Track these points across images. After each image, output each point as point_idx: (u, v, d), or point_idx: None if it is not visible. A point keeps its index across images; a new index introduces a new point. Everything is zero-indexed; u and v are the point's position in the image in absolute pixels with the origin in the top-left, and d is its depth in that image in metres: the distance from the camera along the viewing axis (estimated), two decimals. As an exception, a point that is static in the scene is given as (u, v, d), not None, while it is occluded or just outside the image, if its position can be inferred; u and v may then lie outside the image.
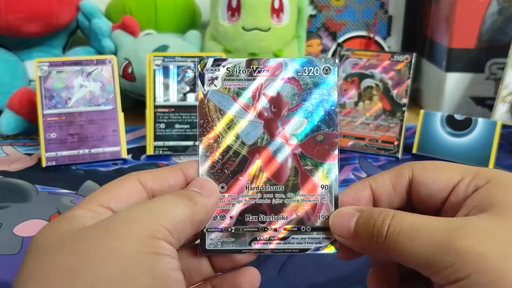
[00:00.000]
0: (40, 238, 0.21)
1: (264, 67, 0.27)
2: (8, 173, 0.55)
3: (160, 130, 0.59)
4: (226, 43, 0.73)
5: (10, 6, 0.65)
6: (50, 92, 0.56)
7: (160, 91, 0.59)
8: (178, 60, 0.59)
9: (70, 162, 0.56)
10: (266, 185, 0.27)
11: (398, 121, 0.60)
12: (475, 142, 0.57)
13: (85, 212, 0.22)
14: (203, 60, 0.27)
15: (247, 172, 0.27)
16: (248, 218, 0.27)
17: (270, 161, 0.27)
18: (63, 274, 0.19)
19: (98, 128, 0.57)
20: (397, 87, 0.60)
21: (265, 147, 0.27)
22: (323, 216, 0.27)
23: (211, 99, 0.27)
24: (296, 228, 0.27)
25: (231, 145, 0.27)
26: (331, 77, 0.27)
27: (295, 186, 0.27)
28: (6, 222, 0.44)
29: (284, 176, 0.27)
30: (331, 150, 0.27)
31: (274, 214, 0.27)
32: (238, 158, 0.27)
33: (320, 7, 0.83)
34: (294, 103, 0.27)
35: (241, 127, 0.27)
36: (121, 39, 0.73)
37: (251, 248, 0.27)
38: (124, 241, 0.20)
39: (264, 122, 0.27)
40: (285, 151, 0.27)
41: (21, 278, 0.20)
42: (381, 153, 0.60)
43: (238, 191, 0.27)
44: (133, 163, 0.58)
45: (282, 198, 0.27)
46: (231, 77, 0.27)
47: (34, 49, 0.75)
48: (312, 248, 0.27)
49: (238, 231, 0.27)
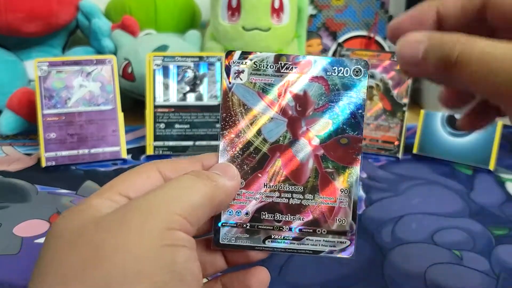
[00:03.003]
0: (59, 227, 0.21)
1: (293, 64, 0.26)
2: (7, 173, 0.55)
3: (160, 130, 0.59)
4: (226, 43, 0.73)
5: (9, 5, 0.65)
6: (50, 92, 0.56)
7: (160, 91, 0.59)
8: (178, 60, 0.59)
9: (70, 162, 0.56)
10: (285, 185, 0.26)
11: (398, 121, 0.60)
12: (475, 142, 0.57)
13: (103, 201, 0.22)
14: (231, 52, 0.26)
15: (267, 170, 0.26)
16: (264, 216, 0.26)
17: (291, 161, 0.26)
18: (80, 267, 0.19)
19: (97, 128, 0.57)
20: (397, 87, 0.60)
21: (287, 146, 0.26)
22: (340, 220, 0.26)
23: (235, 93, 0.26)
24: (312, 230, 0.26)
25: (253, 141, 0.26)
26: (361, 79, 0.26)
27: (314, 187, 0.26)
28: (6, 222, 0.44)
29: (304, 177, 0.26)
30: (354, 154, 0.26)
31: (291, 214, 0.26)
32: (258, 155, 0.26)
33: (320, 6, 0.83)
34: (320, 103, 0.26)
35: (264, 123, 0.26)
36: (121, 39, 0.73)
37: (265, 246, 0.26)
38: (140, 234, 0.20)
39: (288, 121, 0.26)
40: (307, 151, 0.26)
41: (39, 268, 0.20)
42: (382, 153, 0.60)
43: (256, 188, 0.26)
44: (133, 163, 0.58)
45: (300, 199, 0.26)
46: (257, 72, 0.26)
47: (33, 49, 0.75)
48: (326, 251, 0.26)
49: (253, 228, 0.26)
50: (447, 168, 0.57)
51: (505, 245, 0.42)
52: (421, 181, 0.54)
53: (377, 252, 0.41)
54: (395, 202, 0.49)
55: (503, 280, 0.37)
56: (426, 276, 0.37)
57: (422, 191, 0.52)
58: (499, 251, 0.41)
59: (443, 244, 0.42)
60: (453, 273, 0.38)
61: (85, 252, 0.19)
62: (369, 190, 0.52)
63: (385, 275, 0.38)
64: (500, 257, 0.40)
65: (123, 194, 0.23)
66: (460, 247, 0.41)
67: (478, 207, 0.48)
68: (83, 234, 0.20)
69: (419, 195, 0.51)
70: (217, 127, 0.59)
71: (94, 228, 0.20)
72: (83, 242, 0.20)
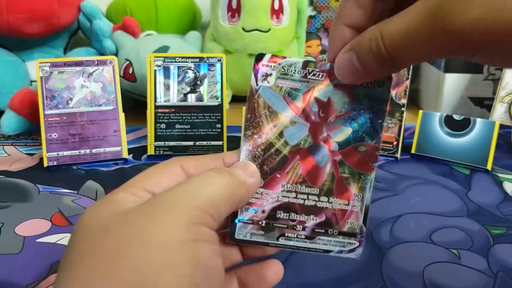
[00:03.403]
0: (86, 220, 0.22)
1: (320, 71, 0.27)
2: (9, 173, 0.55)
3: (161, 130, 0.59)
4: (226, 43, 0.74)
5: (11, 6, 0.66)
6: (52, 92, 0.56)
7: (160, 91, 0.59)
8: (179, 60, 0.59)
9: (71, 162, 0.56)
10: (302, 186, 0.27)
11: (397, 121, 0.60)
12: (473, 142, 0.57)
13: (128, 195, 0.23)
14: (261, 55, 0.27)
15: (285, 171, 0.27)
16: (279, 214, 0.27)
17: (310, 164, 0.27)
18: (110, 258, 0.20)
19: (99, 128, 0.57)
20: (396, 87, 0.60)
21: (307, 149, 0.27)
22: (351, 222, 0.27)
23: (261, 95, 0.27)
24: (324, 230, 0.27)
25: (274, 143, 0.27)
26: (384, 90, 0.27)
27: (330, 191, 0.27)
28: (8, 221, 0.45)
29: (321, 180, 0.27)
30: (370, 162, 0.27)
31: (305, 214, 0.27)
32: (279, 156, 0.27)
33: (319, 8, 0.84)
34: (343, 111, 0.27)
35: (286, 126, 0.27)
36: (122, 40, 0.73)
37: (278, 243, 0.27)
38: (166, 229, 0.20)
39: (310, 126, 0.27)
40: (325, 156, 0.27)
41: (68, 259, 0.21)
42: (380, 153, 0.60)
43: (274, 188, 0.27)
44: (134, 163, 0.58)
45: (315, 201, 0.27)
46: (285, 76, 0.27)
47: (35, 50, 0.75)
48: (335, 250, 0.28)
49: (268, 225, 0.27)
50: (445, 168, 0.57)
51: (503, 244, 0.42)
52: (419, 180, 0.54)
53: (375, 251, 0.41)
54: (393, 202, 0.50)
55: (501, 279, 0.38)
56: (424, 275, 0.38)
57: (420, 190, 0.52)
58: (496, 250, 0.41)
59: (441, 243, 0.42)
60: (451, 272, 0.38)
61: (114, 244, 0.20)
62: (368, 190, 0.52)
63: (383, 274, 0.38)
64: (498, 256, 0.41)
65: (148, 190, 0.23)
66: (458, 246, 0.42)
67: (476, 207, 0.49)
68: (110, 227, 0.21)
69: (417, 194, 0.51)
70: (217, 127, 0.60)
71: (121, 221, 0.21)
72: (112, 235, 0.20)
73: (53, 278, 0.37)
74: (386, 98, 0.27)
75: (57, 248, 0.41)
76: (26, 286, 0.36)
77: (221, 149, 0.59)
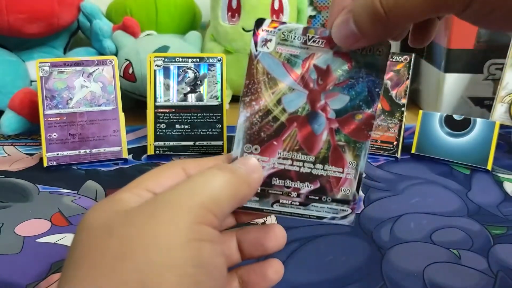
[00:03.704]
0: (89, 220, 0.22)
1: (320, 38, 0.27)
2: (9, 173, 0.55)
3: (161, 130, 0.59)
4: (226, 43, 0.74)
5: (11, 7, 0.66)
6: (51, 92, 0.56)
7: (160, 91, 0.59)
8: (179, 60, 0.59)
9: (71, 162, 0.56)
10: (298, 154, 0.27)
11: (397, 121, 0.60)
12: (473, 142, 0.57)
13: (131, 195, 0.23)
14: (260, 20, 0.27)
15: (282, 139, 0.27)
16: (275, 181, 0.27)
17: (306, 132, 0.27)
18: (113, 258, 0.20)
19: (99, 128, 0.57)
20: (396, 87, 0.60)
21: (304, 117, 0.27)
22: (345, 190, 0.28)
23: (261, 61, 0.27)
24: (318, 197, 0.28)
25: (272, 110, 0.27)
26: (383, 58, 0.27)
27: (325, 158, 0.27)
28: (7, 221, 0.45)
29: (317, 148, 0.27)
30: (366, 130, 0.27)
31: (300, 181, 0.27)
32: (276, 123, 0.27)
33: (319, 8, 0.84)
34: (341, 78, 0.27)
35: (285, 93, 0.27)
36: (122, 40, 0.73)
37: (272, 209, 0.28)
38: (169, 228, 0.20)
39: (308, 93, 0.27)
40: (322, 124, 0.27)
41: (72, 258, 0.21)
42: (380, 153, 0.60)
43: (270, 155, 0.27)
44: (134, 163, 0.58)
45: (310, 168, 0.27)
46: (285, 42, 0.27)
47: (35, 50, 0.76)
48: (328, 217, 0.28)
49: (263, 192, 0.27)
50: (445, 168, 0.57)
51: (503, 244, 0.42)
52: (419, 180, 0.54)
53: (375, 251, 0.41)
54: (393, 202, 0.50)
55: (501, 279, 0.38)
56: (424, 275, 0.38)
57: (421, 190, 0.52)
58: (497, 250, 0.41)
59: (441, 243, 0.42)
60: (451, 272, 0.38)
61: (117, 244, 0.20)
62: (368, 190, 0.52)
63: (383, 274, 0.38)
64: (498, 256, 0.41)
65: (150, 190, 0.24)
66: (458, 246, 0.42)
67: (476, 207, 0.49)
68: (114, 226, 0.21)
69: (417, 194, 0.51)
70: (217, 127, 0.60)
71: (124, 221, 0.21)
72: (115, 235, 0.20)
73: (53, 278, 0.37)
74: (384, 66, 0.27)
75: (57, 248, 0.41)
76: (26, 286, 0.36)
77: (221, 149, 0.59)
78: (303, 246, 0.41)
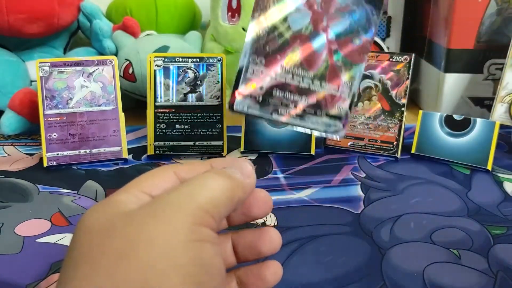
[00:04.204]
0: (88, 221, 0.22)
1: None
2: (9, 173, 0.55)
3: (161, 130, 0.59)
4: (226, 43, 0.74)
5: (11, 7, 0.66)
6: (51, 92, 0.56)
7: (160, 91, 0.59)
8: (179, 60, 0.59)
9: (71, 162, 0.56)
10: (298, 69, 0.29)
11: (397, 121, 0.60)
12: (473, 142, 0.57)
13: (129, 197, 0.23)
14: None
15: (285, 54, 0.29)
16: (276, 92, 0.29)
17: (308, 49, 0.29)
18: (114, 258, 0.20)
19: (99, 128, 0.57)
20: (396, 87, 0.60)
21: (307, 36, 0.29)
22: (338, 107, 0.30)
23: None
24: (313, 111, 0.30)
25: (277, 27, 0.29)
26: None
27: (323, 76, 0.29)
28: (7, 221, 0.45)
29: (316, 65, 0.29)
30: (362, 54, 0.30)
31: (299, 95, 0.29)
32: (280, 39, 0.29)
33: (319, 8, 0.84)
34: (343, 4, 0.30)
35: (291, 12, 0.29)
36: (122, 40, 0.73)
37: (271, 117, 0.29)
38: (169, 229, 0.21)
39: (312, 14, 0.29)
40: (323, 44, 0.29)
41: (72, 259, 0.21)
42: (380, 153, 0.60)
43: (274, 68, 0.29)
44: (134, 163, 0.58)
45: (309, 83, 0.29)
46: None
47: (35, 50, 0.76)
48: (321, 130, 0.30)
49: (264, 101, 0.29)
50: (445, 168, 0.57)
51: (503, 244, 0.42)
52: (419, 180, 0.54)
53: (375, 251, 0.41)
54: (393, 202, 0.50)
55: (501, 279, 0.38)
56: (424, 275, 0.38)
57: (421, 190, 0.52)
58: (497, 250, 0.41)
59: (441, 243, 0.42)
60: (451, 272, 0.38)
61: (118, 244, 0.20)
62: (368, 190, 0.52)
63: (383, 274, 0.38)
64: (498, 256, 0.41)
65: (145, 191, 0.24)
66: (458, 246, 0.42)
67: (476, 207, 0.49)
68: (115, 227, 0.21)
69: (417, 194, 0.51)
70: (217, 127, 0.60)
71: (124, 222, 0.21)
72: (116, 235, 0.20)
73: (53, 278, 0.37)
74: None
75: (57, 248, 0.41)
76: (26, 286, 0.36)
77: (221, 149, 0.59)
78: (303, 246, 0.41)
